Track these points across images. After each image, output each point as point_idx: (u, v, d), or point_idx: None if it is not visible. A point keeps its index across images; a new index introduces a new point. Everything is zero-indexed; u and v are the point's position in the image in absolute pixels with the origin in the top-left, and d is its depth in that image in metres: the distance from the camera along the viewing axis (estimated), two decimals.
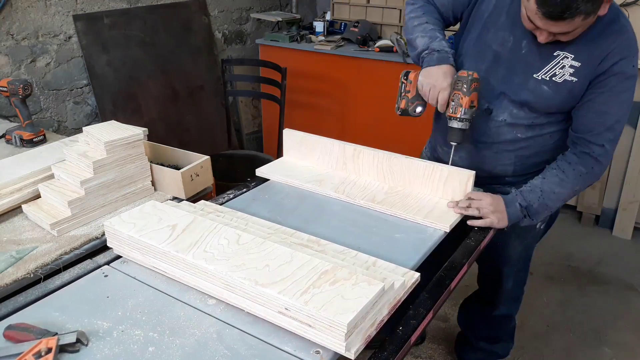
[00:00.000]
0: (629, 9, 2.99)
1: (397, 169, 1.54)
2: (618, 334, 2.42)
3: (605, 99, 1.36)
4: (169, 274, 1.16)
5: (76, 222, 1.44)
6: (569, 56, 1.37)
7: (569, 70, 1.37)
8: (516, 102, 1.46)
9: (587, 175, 1.43)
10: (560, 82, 1.39)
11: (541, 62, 1.40)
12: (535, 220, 1.48)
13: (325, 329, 0.91)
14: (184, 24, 3.27)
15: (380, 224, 1.39)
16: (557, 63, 1.38)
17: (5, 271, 1.24)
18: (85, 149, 1.53)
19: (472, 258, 1.33)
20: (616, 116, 1.38)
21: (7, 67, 2.48)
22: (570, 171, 1.42)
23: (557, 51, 1.38)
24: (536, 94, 1.42)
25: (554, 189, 1.43)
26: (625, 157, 3.18)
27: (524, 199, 1.44)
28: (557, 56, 1.38)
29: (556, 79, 1.39)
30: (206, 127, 3.43)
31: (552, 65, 1.39)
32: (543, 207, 1.45)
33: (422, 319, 1.08)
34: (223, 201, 1.53)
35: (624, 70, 1.34)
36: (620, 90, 1.35)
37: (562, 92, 1.40)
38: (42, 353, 0.91)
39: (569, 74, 1.37)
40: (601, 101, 1.37)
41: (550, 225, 1.81)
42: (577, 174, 1.42)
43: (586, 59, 1.36)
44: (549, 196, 1.44)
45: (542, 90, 1.41)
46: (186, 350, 0.96)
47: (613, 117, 1.37)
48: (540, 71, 1.41)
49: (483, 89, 1.45)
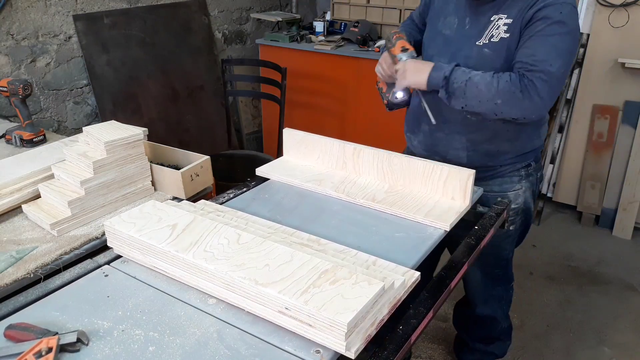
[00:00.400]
0: (629, 9, 2.99)
1: (397, 168, 1.54)
2: (618, 334, 2.42)
3: (532, 42, 1.41)
4: (169, 274, 1.16)
5: (76, 222, 1.44)
6: (502, 16, 1.48)
7: (502, 29, 1.47)
8: None
9: (513, 96, 1.41)
10: (497, 41, 1.48)
11: (481, 30, 1.51)
12: (450, 102, 1.50)
13: (325, 328, 0.91)
14: (184, 24, 3.27)
15: (380, 223, 1.39)
16: (493, 25, 1.49)
17: (5, 271, 1.24)
18: (85, 149, 1.53)
19: (472, 257, 1.33)
20: (545, 58, 1.38)
21: (7, 67, 2.48)
22: (503, 81, 1.42)
23: (493, 16, 1.50)
24: (479, 58, 1.51)
25: (480, 84, 1.44)
26: (625, 157, 3.18)
27: (452, 72, 1.48)
28: (493, 20, 1.49)
29: (493, 39, 1.49)
30: (206, 127, 3.43)
31: (490, 29, 1.50)
32: (460, 92, 1.47)
33: (422, 318, 1.08)
34: (223, 201, 1.53)
35: (549, 14, 1.39)
36: (548, 34, 1.39)
37: (501, 50, 1.48)
38: (43, 353, 0.91)
39: (503, 32, 1.47)
40: (529, 45, 1.42)
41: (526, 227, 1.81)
42: (506, 87, 1.41)
43: (516, 14, 1.45)
44: (471, 88, 1.45)
45: (483, 54, 1.51)
46: (186, 349, 0.96)
47: (541, 59, 1.39)
48: (480, 38, 1.51)
49: None
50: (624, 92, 3.14)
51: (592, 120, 3.28)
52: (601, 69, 3.18)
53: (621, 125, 3.19)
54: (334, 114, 3.54)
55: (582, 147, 3.36)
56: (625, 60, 3.04)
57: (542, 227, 3.40)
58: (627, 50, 3.06)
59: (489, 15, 1.51)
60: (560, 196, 3.51)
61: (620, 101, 3.17)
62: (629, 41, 3.04)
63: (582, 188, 3.38)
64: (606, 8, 3.07)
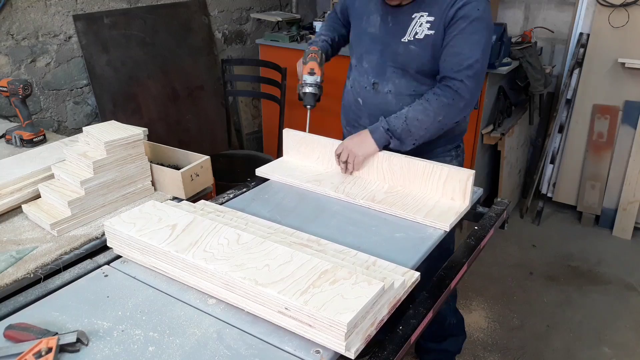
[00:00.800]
0: (629, 9, 2.99)
1: (397, 169, 1.54)
2: (618, 334, 2.42)
3: (457, 41, 1.52)
4: (169, 274, 1.16)
5: (76, 222, 1.44)
6: (424, 14, 1.55)
7: (426, 26, 1.55)
8: (396, 69, 1.63)
9: (450, 106, 1.54)
10: (422, 38, 1.56)
11: (404, 27, 1.59)
12: (404, 147, 1.58)
13: (325, 328, 0.91)
14: (184, 24, 3.27)
15: (380, 224, 1.39)
16: (416, 23, 1.57)
17: (5, 271, 1.24)
18: (85, 149, 1.53)
19: (472, 257, 1.33)
20: (470, 55, 1.51)
21: (7, 67, 2.48)
22: (434, 100, 1.54)
23: (414, 14, 1.57)
24: (407, 54, 1.60)
25: (417, 116, 1.54)
26: (625, 157, 3.18)
27: (388, 123, 1.56)
28: (415, 17, 1.57)
29: (418, 37, 1.57)
30: (206, 127, 3.43)
31: (413, 26, 1.57)
32: (407, 133, 1.55)
33: (422, 318, 1.08)
34: (223, 201, 1.53)
35: (469, 13, 1.49)
36: (471, 32, 1.50)
37: (427, 46, 1.56)
38: (43, 353, 0.91)
39: (427, 29, 1.55)
40: (454, 44, 1.52)
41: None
42: (440, 104, 1.54)
43: (437, 11, 1.53)
44: (413, 123, 1.54)
45: (410, 50, 1.59)
46: (186, 349, 0.96)
47: (467, 56, 1.51)
48: (405, 35, 1.59)
49: (369, 68, 1.68)
50: (624, 92, 3.14)
51: (592, 120, 3.28)
52: (601, 69, 3.18)
53: (621, 125, 3.19)
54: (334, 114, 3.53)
55: (582, 147, 3.36)
56: (625, 60, 3.04)
57: (542, 227, 3.40)
58: (627, 50, 3.06)
59: (409, 14, 1.58)
60: (560, 196, 3.51)
61: (620, 101, 3.17)
62: (629, 41, 3.04)
63: (582, 188, 3.38)
64: (606, 8, 3.07)
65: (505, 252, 3.06)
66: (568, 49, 3.36)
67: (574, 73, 3.25)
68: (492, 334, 2.43)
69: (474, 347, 2.36)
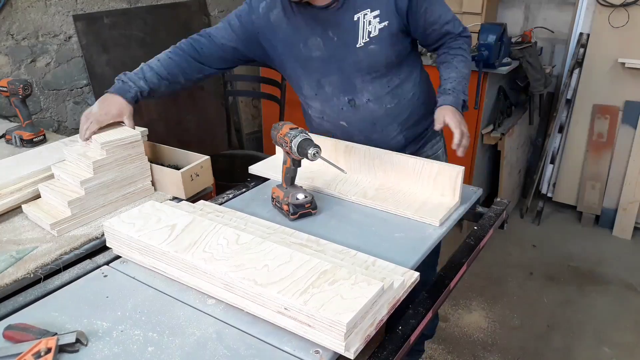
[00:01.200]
0: (629, 9, 2.99)
1: (388, 166, 1.54)
2: (618, 334, 2.42)
3: (431, 10, 1.52)
4: (168, 274, 1.16)
5: (76, 222, 1.44)
6: (366, 11, 1.49)
7: (375, 21, 1.49)
8: (364, 75, 1.58)
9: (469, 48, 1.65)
10: (378, 34, 1.50)
11: (353, 34, 1.52)
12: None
13: (324, 328, 0.91)
14: (184, 24, 3.27)
15: (379, 224, 1.39)
16: (363, 23, 1.50)
17: (5, 271, 1.24)
18: (86, 149, 1.53)
19: (472, 257, 1.33)
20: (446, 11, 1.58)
21: (7, 67, 2.48)
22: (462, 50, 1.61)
23: (355, 16, 1.50)
24: (370, 56, 1.54)
25: (467, 71, 1.61)
26: (626, 157, 3.18)
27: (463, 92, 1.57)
28: (358, 19, 1.50)
29: (374, 34, 1.51)
30: (206, 127, 3.43)
31: (361, 28, 1.51)
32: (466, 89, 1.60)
33: (422, 318, 1.08)
34: (223, 201, 1.53)
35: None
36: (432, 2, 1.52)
37: (385, 38, 1.51)
38: (42, 353, 0.91)
39: (378, 23, 1.49)
40: (430, 12, 1.52)
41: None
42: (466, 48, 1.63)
43: (378, 3, 1.48)
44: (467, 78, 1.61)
45: (369, 50, 1.53)
46: (186, 350, 0.96)
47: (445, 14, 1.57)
48: (358, 40, 1.52)
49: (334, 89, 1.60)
50: (624, 92, 3.14)
51: (592, 120, 3.28)
52: (601, 69, 3.18)
53: (621, 125, 3.19)
54: None
55: (582, 147, 3.36)
56: (625, 60, 3.04)
57: (542, 227, 3.40)
58: (627, 50, 3.06)
59: (350, 18, 1.50)
60: (560, 196, 3.51)
61: (620, 101, 3.17)
62: (629, 41, 3.04)
63: (582, 188, 3.38)
64: (606, 8, 3.07)
65: (505, 252, 3.06)
66: (568, 49, 3.36)
67: (574, 73, 3.25)
68: (492, 334, 2.43)
69: (474, 347, 2.36)
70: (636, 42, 3.02)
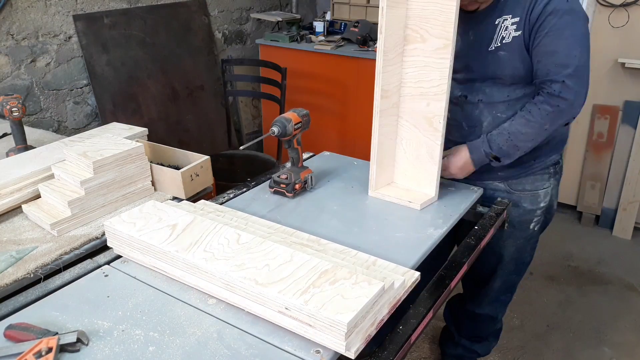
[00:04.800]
0: (629, 9, 2.99)
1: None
2: (618, 334, 2.42)
3: (550, 40, 1.40)
4: (169, 274, 1.16)
5: (76, 222, 1.44)
6: (507, 17, 1.45)
7: (512, 28, 1.45)
8: (486, 80, 1.54)
9: (554, 113, 1.44)
10: (511, 41, 1.46)
11: (489, 37, 1.49)
12: (509, 160, 1.53)
13: (325, 328, 0.91)
14: (184, 24, 3.27)
15: (380, 224, 1.39)
16: (500, 28, 1.47)
17: (5, 271, 1.24)
18: (86, 149, 1.53)
19: (472, 257, 1.33)
20: (566, 52, 1.40)
21: (7, 67, 2.48)
22: (536, 110, 1.45)
23: (497, 20, 1.47)
24: (496, 62, 1.49)
25: (521, 129, 1.47)
26: (625, 157, 3.18)
27: (490, 143, 1.51)
28: (499, 23, 1.47)
29: (506, 41, 1.46)
30: (206, 127, 3.43)
31: (498, 32, 1.47)
32: (513, 148, 1.50)
33: (422, 318, 1.08)
34: (223, 201, 1.53)
35: (557, 7, 1.38)
36: (562, 27, 1.39)
37: (516, 48, 1.45)
38: (43, 353, 0.91)
39: (514, 30, 1.44)
40: (547, 42, 1.41)
41: (544, 227, 1.80)
42: (543, 113, 1.44)
43: (521, 11, 1.43)
44: (517, 137, 1.48)
45: (499, 56, 1.48)
46: (186, 349, 0.96)
47: (563, 54, 1.40)
48: (491, 43, 1.49)
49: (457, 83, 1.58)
50: (624, 92, 3.14)
51: (592, 120, 3.28)
52: (601, 69, 3.18)
53: (621, 125, 3.19)
54: (334, 114, 3.54)
55: (582, 147, 3.36)
56: (625, 60, 3.04)
57: None
58: (627, 50, 3.06)
59: (492, 21, 1.48)
60: (560, 196, 3.50)
61: (620, 101, 3.17)
62: (629, 41, 3.04)
63: (582, 188, 3.38)
64: (606, 8, 3.07)
65: None
66: None
67: None
68: None
69: None
70: (636, 42, 3.02)
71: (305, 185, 1.55)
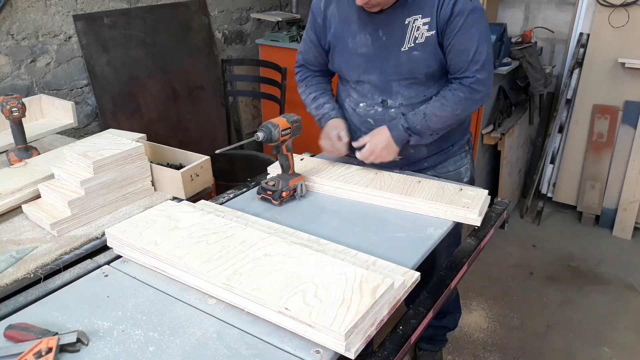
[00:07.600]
0: (629, 9, 2.99)
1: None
2: (618, 334, 2.42)
3: (459, 39, 1.49)
4: (169, 274, 1.16)
5: (76, 222, 1.44)
6: (417, 17, 1.50)
7: (424, 28, 1.50)
8: (402, 80, 1.58)
9: (467, 100, 1.55)
10: (424, 41, 1.51)
11: (401, 37, 1.53)
12: (423, 141, 1.61)
13: (325, 328, 0.91)
14: (184, 24, 3.27)
15: (380, 224, 1.39)
16: (411, 28, 1.51)
17: (5, 271, 1.24)
18: (86, 149, 1.53)
19: (472, 257, 1.33)
20: (474, 49, 1.50)
21: (7, 67, 2.48)
22: (450, 96, 1.55)
23: (406, 19, 1.51)
24: (411, 62, 1.54)
25: (435, 112, 1.55)
26: (626, 157, 3.18)
27: (407, 121, 1.57)
28: (409, 23, 1.51)
29: (419, 41, 1.51)
30: (206, 127, 3.43)
31: (409, 32, 1.52)
32: (426, 128, 1.57)
33: (422, 318, 1.08)
34: (223, 201, 1.53)
35: (463, 7, 1.47)
36: (469, 26, 1.48)
37: (430, 47, 1.51)
38: (43, 353, 0.91)
39: (426, 30, 1.50)
40: (457, 42, 1.50)
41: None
42: (456, 99, 1.54)
43: (430, 11, 1.49)
44: (432, 119, 1.56)
45: (414, 56, 1.53)
46: (186, 349, 0.96)
47: (472, 51, 1.50)
48: (404, 43, 1.53)
49: (371, 88, 1.62)
50: (624, 92, 3.14)
51: (592, 120, 3.28)
52: (601, 69, 3.18)
53: (621, 125, 3.19)
54: None
55: (582, 147, 3.36)
56: (625, 60, 3.04)
57: (542, 227, 3.40)
58: (627, 50, 3.06)
59: (401, 21, 1.51)
60: (560, 196, 3.51)
61: (620, 101, 3.17)
62: (629, 41, 3.04)
63: (582, 188, 3.38)
64: (606, 8, 3.07)
65: (505, 252, 3.06)
66: (568, 49, 3.36)
67: (574, 73, 3.25)
68: (492, 334, 2.43)
69: (474, 347, 2.36)
70: (636, 42, 3.02)
71: (294, 194, 1.51)
